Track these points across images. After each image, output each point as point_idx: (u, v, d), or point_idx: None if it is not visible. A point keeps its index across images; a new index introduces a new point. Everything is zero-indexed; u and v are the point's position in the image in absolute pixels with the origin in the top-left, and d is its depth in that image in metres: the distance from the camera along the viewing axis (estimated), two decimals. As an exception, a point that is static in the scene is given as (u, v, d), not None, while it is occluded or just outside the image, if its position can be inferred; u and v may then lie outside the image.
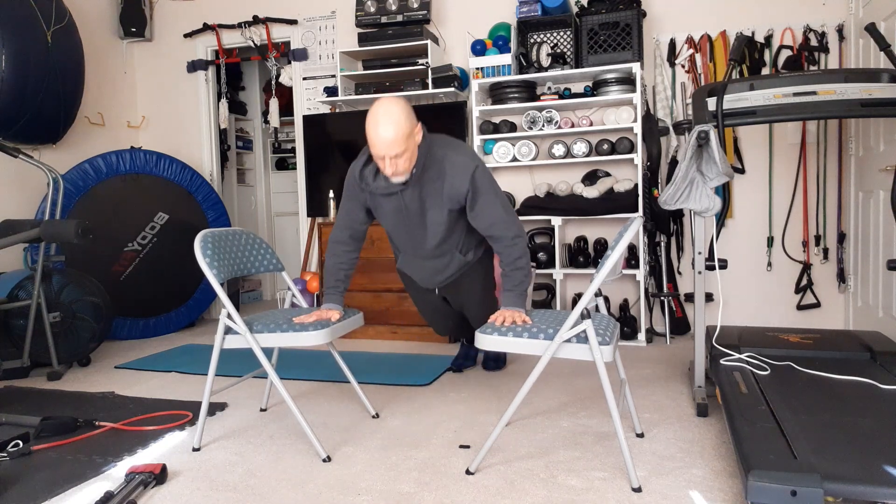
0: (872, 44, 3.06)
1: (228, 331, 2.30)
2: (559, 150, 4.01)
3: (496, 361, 3.24)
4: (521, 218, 3.99)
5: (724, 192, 3.94)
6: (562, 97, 4.05)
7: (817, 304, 3.90)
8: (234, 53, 5.17)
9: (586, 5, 4.04)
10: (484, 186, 2.35)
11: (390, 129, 2.13)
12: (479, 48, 4.14)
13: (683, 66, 4.07)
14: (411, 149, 2.22)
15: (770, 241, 3.98)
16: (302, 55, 4.89)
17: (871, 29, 2.64)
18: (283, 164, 6.75)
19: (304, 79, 4.91)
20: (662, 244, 4.04)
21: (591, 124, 3.98)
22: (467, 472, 2.04)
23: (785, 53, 3.88)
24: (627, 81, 3.88)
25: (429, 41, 4.20)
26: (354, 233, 2.55)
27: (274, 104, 5.14)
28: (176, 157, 4.73)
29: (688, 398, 2.74)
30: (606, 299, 2.49)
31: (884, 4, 3.21)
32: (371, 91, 4.35)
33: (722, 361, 2.57)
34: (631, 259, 3.87)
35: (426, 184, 2.36)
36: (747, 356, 2.58)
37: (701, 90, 2.65)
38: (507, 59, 4.06)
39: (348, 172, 2.53)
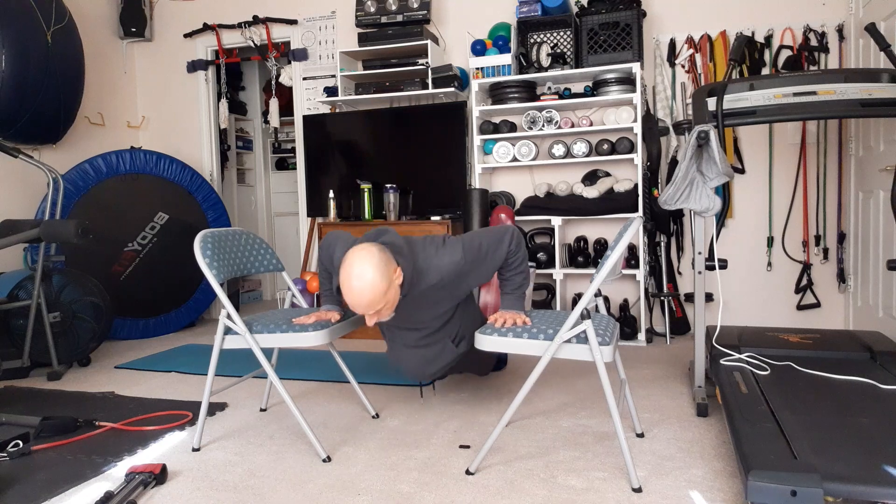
0: (872, 44, 3.06)
1: (228, 331, 2.30)
2: (559, 150, 4.01)
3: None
4: (521, 218, 4.02)
5: (724, 192, 3.95)
6: (562, 97, 4.05)
7: (817, 304, 3.90)
8: (234, 53, 5.17)
9: (586, 5, 4.04)
10: (478, 248, 2.16)
11: (364, 292, 1.93)
12: (479, 48, 4.14)
13: (683, 66, 4.07)
14: (392, 300, 2.01)
15: (770, 241, 3.98)
16: (302, 55, 4.89)
17: (871, 29, 2.64)
18: (283, 164, 6.75)
19: (304, 79, 4.91)
20: (662, 244, 4.04)
21: (591, 124, 3.98)
22: (467, 472, 2.04)
23: (785, 53, 3.88)
24: (627, 81, 3.88)
25: (429, 41, 4.20)
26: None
27: (274, 104, 5.14)
28: (176, 157, 4.73)
29: (688, 398, 2.74)
30: (606, 299, 2.49)
31: (884, 4, 3.21)
32: (371, 91, 4.35)
33: (722, 361, 2.57)
34: (631, 259, 3.87)
35: (414, 297, 2.16)
36: (747, 356, 2.58)
37: (701, 90, 2.65)
38: (507, 59, 4.06)
39: (324, 244, 2.41)
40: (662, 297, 3.97)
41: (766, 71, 3.91)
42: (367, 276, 1.92)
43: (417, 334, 2.35)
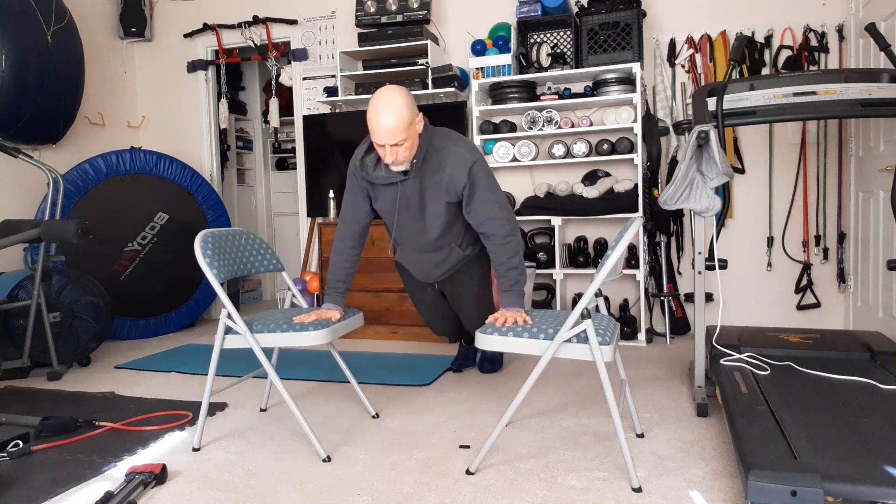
0: (872, 44, 3.06)
1: (228, 331, 2.30)
2: (559, 150, 4.01)
3: (492, 363, 3.23)
4: (521, 218, 4.02)
5: (724, 192, 3.95)
6: (562, 97, 4.05)
7: (817, 304, 3.90)
8: (234, 53, 5.17)
9: (586, 5, 4.04)
10: (481, 181, 2.35)
11: (392, 117, 2.13)
12: (479, 48, 4.14)
13: (683, 66, 4.07)
14: (412, 138, 2.22)
15: (770, 241, 3.98)
16: (302, 55, 4.89)
17: (871, 29, 2.64)
18: (283, 164, 6.75)
19: (304, 79, 4.91)
20: (662, 244, 4.04)
21: (591, 124, 3.98)
22: (467, 472, 2.04)
23: (785, 53, 3.88)
24: (627, 81, 3.88)
25: (429, 41, 4.20)
26: (358, 227, 2.54)
27: (274, 104, 5.15)
28: (176, 157, 4.73)
29: (688, 398, 2.74)
30: (606, 299, 2.49)
31: (884, 4, 3.22)
32: (371, 91, 4.35)
33: (722, 361, 2.57)
34: (631, 259, 3.87)
35: (426, 175, 2.36)
36: (747, 356, 2.58)
37: (701, 90, 2.65)
38: (507, 59, 4.06)
39: (350, 163, 2.53)
40: (662, 297, 3.97)
41: (766, 71, 3.91)
42: (396, 102, 2.14)
43: (425, 238, 2.53)
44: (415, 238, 2.57)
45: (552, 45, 4.07)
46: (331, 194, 4.33)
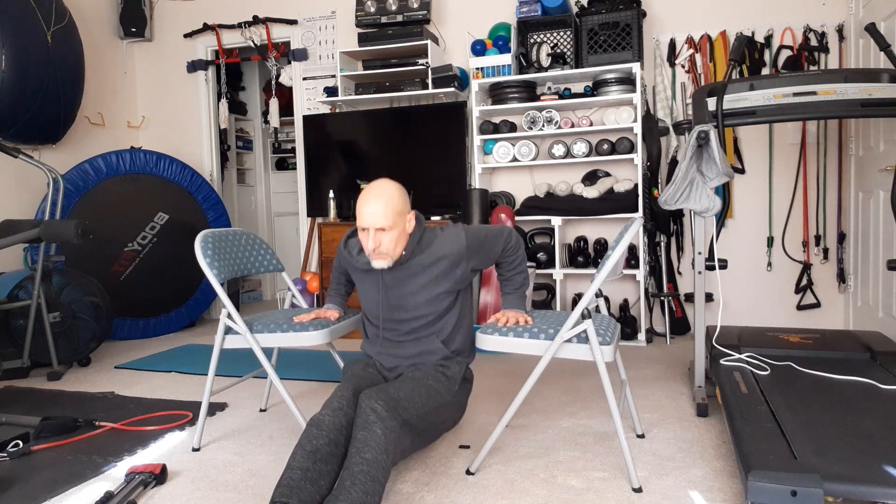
0: (872, 44, 3.06)
1: (228, 331, 2.30)
2: (559, 150, 4.01)
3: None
4: (521, 218, 4.02)
5: (724, 192, 3.95)
6: (562, 97, 4.05)
7: (817, 304, 3.90)
8: (234, 53, 5.17)
9: (586, 5, 4.04)
10: (478, 239, 2.15)
11: (380, 200, 1.98)
12: (479, 48, 4.14)
13: (683, 66, 4.07)
14: (399, 229, 2.01)
15: (770, 241, 3.98)
16: (302, 55, 4.89)
17: (871, 29, 2.64)
18: (283, 164, 6.75)
19: (304, 79, 4.91)
20: (662, 244, 4.04)
21: (591, 124, 3.98)
22: (467, 472, 2.04)
23: (785, 53, 3.88)
24: (627, 81, 3.88)
25: (429, 41, 4.20)
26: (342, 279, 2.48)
27: (274, 104, 5.14)
28: (176, 157, 4.73)
29: (688, 398, 2.74)
30: (606, 299, 2.48)
31: (884, 4, 3.22)
32: (371, 91, 4.35)
33: (722, 361, 2.57)
34: (631, 259, 3.87)
35: (414, 266, 2.09)
36: (747, 356, 2.58)
37: (701, 90, 2.65)
38: (507, 59, 4.06)
39: (342, 245, 2.32)
40: (662, 297, 3.97)
41: (766, 71, 3.91)
42: (387, 187, 2.03)
43: (406, 326, 2.13)
44: (392, 327, 2.17)
45: (552, 45, 4.07)
46: (331, 194, 4.33)
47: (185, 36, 5.15)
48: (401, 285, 2.10)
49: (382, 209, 1.97)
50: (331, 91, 4.52)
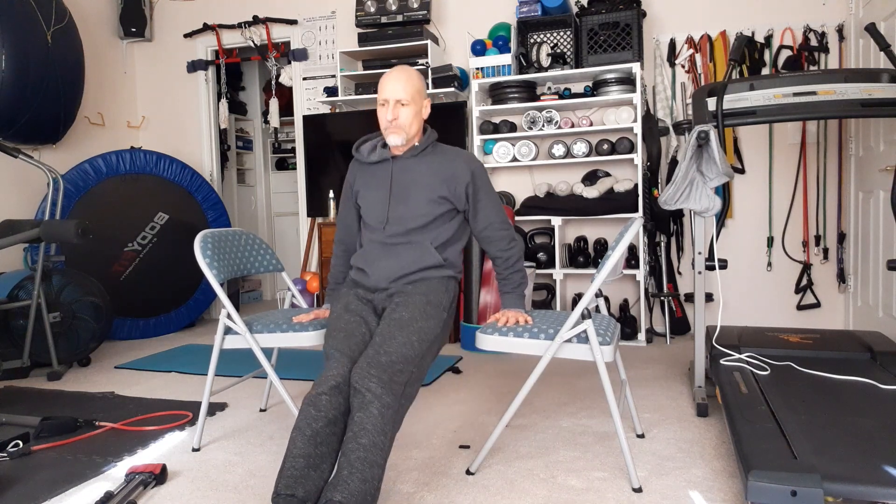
0: (872, 44, 3.06)
1: (228, 331, 2.30)
2: (559, 150, 4.01)
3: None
4: (521, 218, 4.02)
5: (724, 192, 3.93)
6: (562, 97, 4.05)
7: (817, 304, 3.90)
8: (234, 53, 5.17)
9: (586, 5, 4.04)
10: (485, 183, 2.25)
11: (402, 74, 2.13)
12: (479, 48, 4.14)
13: (683, 66, 4.07)
14: (417, 107, 2.14)
15: (770, 241, 3.98)
16: (302, 55, 4.89)
17: (871, 29, 2.64)
18: (283, 164, 6.75)
19: (304, 79, 4.91)
20: (662, 244, 4.04)
21: (591, 124, 3.98)
22: (467, 472, 2.04)
23: (785, 53, 3.88)
24: (627, 81, 3.88)
25: (429, 41, 4.20)
26: (351, 231, 2.47)
27: (274, 104, 5.15)
28: (176, 157, 4.73)
29: (688, 398, 2.74)
30: (606, 299, 2.48)
31: (884, 4, 3.22)
32: (371, 91, 4.35)
33: (722, 361, 2.57)
34: (631, 259, 3.87)
35: (421, 161, 2.19)
36: (747, 356, 2.58)
37: (701, 90, 2.65)
38: (507, 59, 4.06)
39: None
40: (662, 297, 3.97)
41: (766, 71, 3.91)
42: (409, 69, 2.17)
43: (405, 225, 2.15)
44: (390, 223, 2.18)
45: (552, 45, 4.07)
46: (331, 194, 4.33)
47: (185, 36, 5.15)
48: (408, 174, 2.19)
49: (403, 84, 2.10)
50: (331, 91, 4.52)
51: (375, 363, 1.82)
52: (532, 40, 4.10)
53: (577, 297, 4.14)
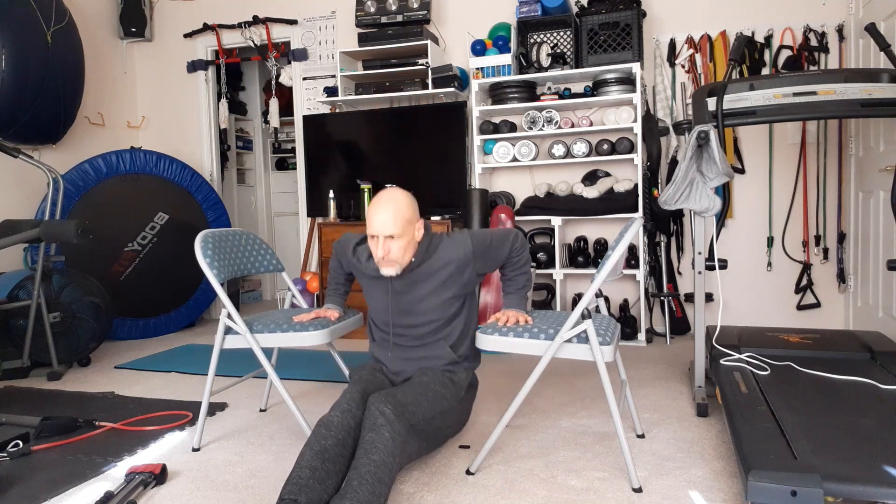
0: (872, 44, 3.06)
1: (228, 331, 2.30)
2: (559, 150, 4.01)
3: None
4: (521, 218, 4.02)
5: (724, 192, 3.93)
6: (562, 97, 4.05)
7: (817, 304, 3.90)
8: (234, 53, 5.17)
9: (586, 5, 4.04)
10: (483, 240, 2.17)
11: (390, 207, 2.02)
12: (479, 48, 4.14)
13: (683, 66, 4.07)
14: (408, 237, 2.04)
15: (770, 241, 3.98)
16: (302, 55, 4.89)
17: (871, 29, 2.64)
18: (283, 164, 6.75)
19: (304, 79, 4.91)
20: (662, 244, 4.04)
21: (591, 124, 3.98)
22: (467, 472, 2.04)
23: (785, 53, 3.88)
24: (627, 81, 3.88)
25: (429, 41, 4.20)
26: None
27: (274, 104, 5.14)
28: (176, 157, 4.73)
29: (688, 398, 2.74)
30: (606, 299, 2.48)
31: (884, 4, 3.22)
32: (371, 91, 4.35)
33: (722, 361, 2.57)
34: (631, 259, 3.87)
35: (422, 274, 2.13)
36: (747, 356, 2.58)
37: (701, 90, 2.65)
38: (507, 59, 4.06)
39: (340, 240, 2.38)
40: (662, 297, 3.97)
41: (766, 71, 3.91)
42: (398, 196, 2.06)
43: (415, 332, 2.17)
44: (399, 332, 2.19)
45: (552, 45, 4.07)
46: (331, 194, 4.33)
47: (185, 36, 5.15)
48: (409, 291, 2.14)
49: (392, 217, 2.00)
50: (331, 91, 4.52)
51: (391, 396, 1.89)
52: (532, 40, 4.10)
53: (577, 297, 4.14)
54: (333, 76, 4.76)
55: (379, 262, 2.07)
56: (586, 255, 3.98)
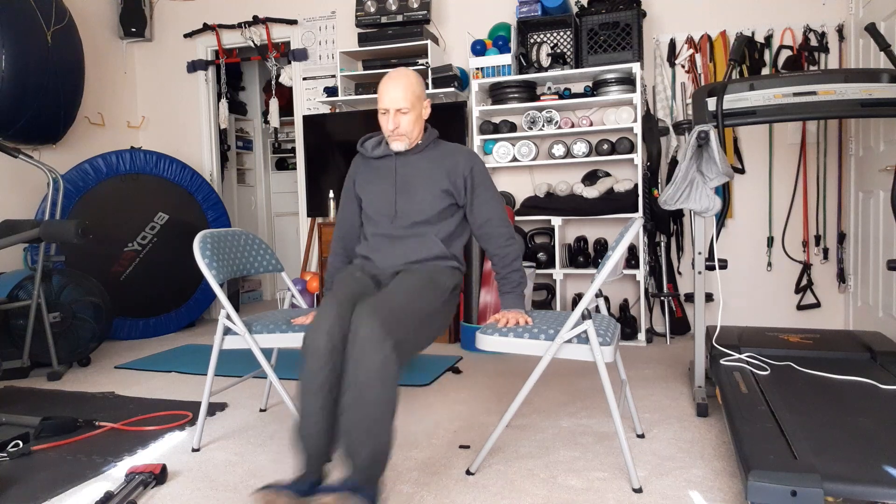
0: (872, 44, 3.05)
1: (228, 331, 2.30)
2: (559, 150, 4.01)
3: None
4: (521, 218, 4.02)
5: (724, 192, 3.94)
6: (562, 97, 4.05)
7: (817, 304, 3.90)
8: (234, 53, 5.17)
9: (586, 5, 4.04)
10: (485, 179, 2.29)
11: (401, 81, 2.14)
12: (479, 48, 4.14)
13: (683, 66, 4.07)
14: (417, 112, 2.17)
15: (770, 241, 3.98)
16: (302, 55, 4.89)
17: (871, 29, 2.64)
18: (283, 164, 6.75)
19: (304, 79, 4.91)
20: (662, 244, 4.04)
21: (591, 124, 3.98)
22: (467, 472, 2.04)
23: (785, 53, 3.88)
24: (627, 81, 3.88)
25: (429, 41, 4.20)
26: (350, 226, 2.48)
27: (274, 104, 5.15)
28: (176, 157, 4.73)
29: (688, 398, 2.74)
30: (606, 299, 2.48)
31: (884, 4, 3.21)
32: (371, 91, 4.35)
33: (722, 361, 2.57)
34: (631, 259, 3.87)
35: (423, 157, 2.25)
36: (747, 356, 2.58)
37: (701, 90, 2.65)
38: (507, 59, 4.06)
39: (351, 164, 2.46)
40: (662, 297, 3.97)
41: (766, 71, 3.91)
42: (409, 73, 2.18)
43: (410, 218, 2.19)
44: (394, 217, 2.22)
45: (552, 45, 4.07)
46: (331, 194, 4.33)
47: (185, 36, 5.15)
48: (411, 169, 2.23)
49: (403, 92, 2.13)
50: (331, 91, 4.52)
51: (378, 309, 1.81)
52: (532, 40, 4.10)
53: (577, 298, 4.14)
54: (333, 76, 4.76)
55: (389, 135, 2.18)
56: (586, 255, 3.98)
